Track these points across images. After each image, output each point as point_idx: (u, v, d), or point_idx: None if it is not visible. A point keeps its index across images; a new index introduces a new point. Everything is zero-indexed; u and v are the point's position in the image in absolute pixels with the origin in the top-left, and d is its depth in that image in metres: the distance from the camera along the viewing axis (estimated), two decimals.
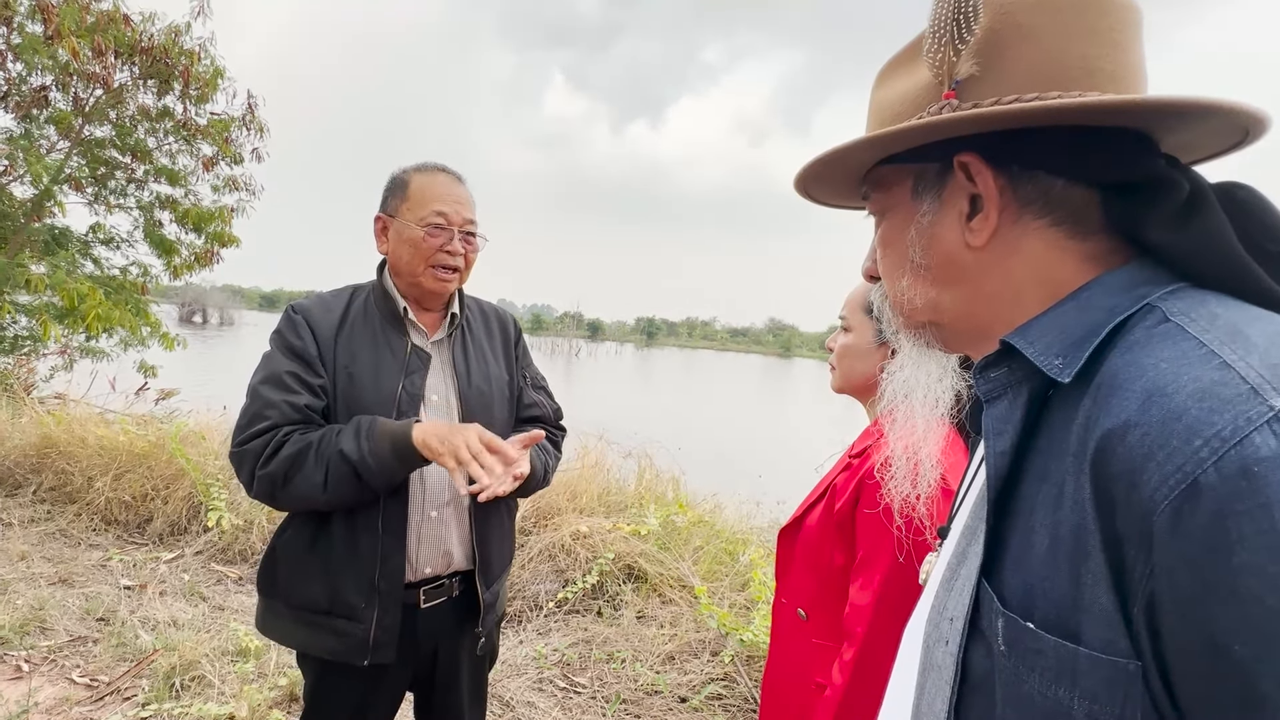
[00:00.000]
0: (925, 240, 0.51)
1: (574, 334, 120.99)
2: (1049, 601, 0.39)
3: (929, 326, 0.55)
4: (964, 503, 0.57)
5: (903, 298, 0.54)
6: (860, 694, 0.91)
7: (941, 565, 0.53)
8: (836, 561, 1.02)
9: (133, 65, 5.75)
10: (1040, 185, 0.47)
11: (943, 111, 0.47)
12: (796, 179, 0.58)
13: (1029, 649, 0.39)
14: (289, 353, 1.19)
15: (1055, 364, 0.43)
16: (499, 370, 1.37)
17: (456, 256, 1.24)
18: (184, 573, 3.16)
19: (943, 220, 0.50)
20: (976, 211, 0.48)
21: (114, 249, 6.47)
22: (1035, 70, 0.45)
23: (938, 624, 0.48)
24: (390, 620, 1.17)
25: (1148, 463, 0.34)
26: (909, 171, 0.52)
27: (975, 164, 0.47)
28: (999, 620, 0.41)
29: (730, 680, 2.48)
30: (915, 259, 0.52)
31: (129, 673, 2.29)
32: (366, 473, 1.10)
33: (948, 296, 0.52)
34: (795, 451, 7.68)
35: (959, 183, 0.49)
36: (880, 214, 0.56)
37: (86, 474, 3.75)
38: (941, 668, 0.46)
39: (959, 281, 0.51)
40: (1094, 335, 0.42)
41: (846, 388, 1.14)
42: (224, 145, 6.32)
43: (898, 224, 0.54)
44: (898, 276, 0.54)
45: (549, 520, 3.55)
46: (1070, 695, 0.37)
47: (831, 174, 0.57)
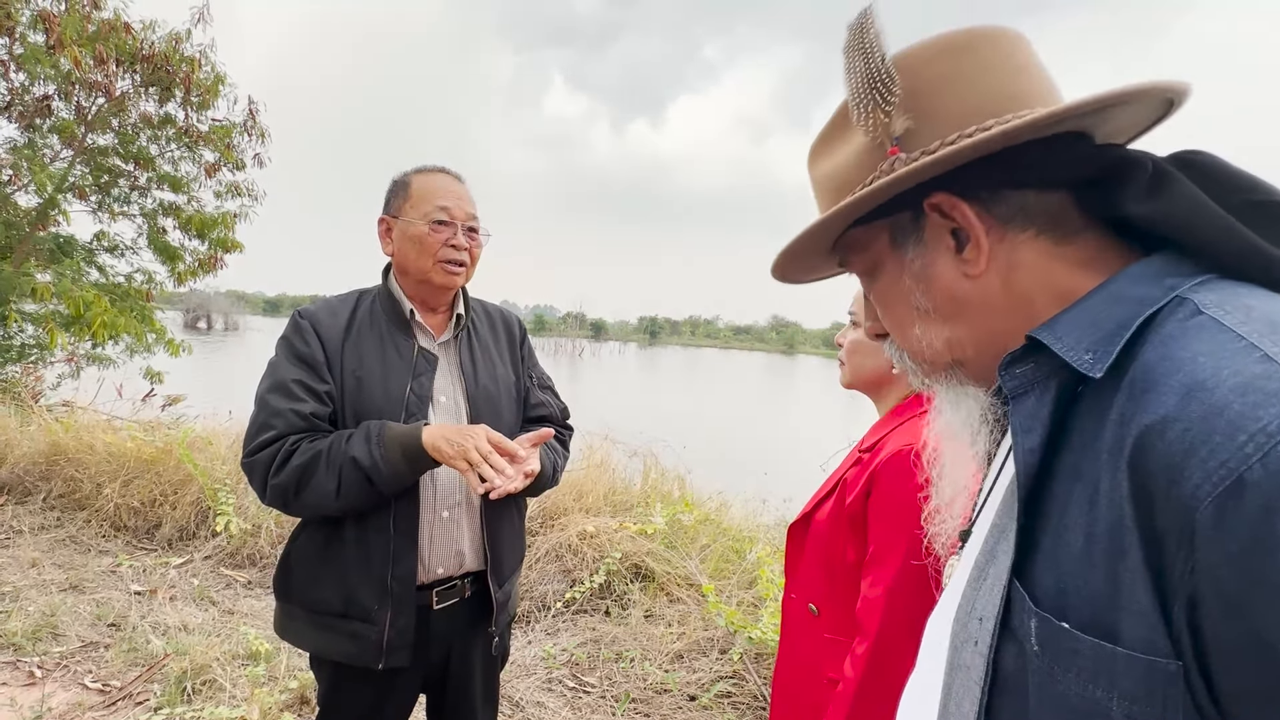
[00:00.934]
0: (924, 284, 0.52)
1: (577, 334, 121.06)
2: (1084, 600, 0.38)
3: (955, 366, 0.54)
4: (988, 502, 0.56)
5: (920, 345, 0.54)
6: (874, 688, 0.91)
7: (968, 565, 0.53)
8: (848, 556, 1.02)
9: (134, 73, 5.77)
10: (1013, 201, 0.48)
11: (895, 166, 0.48)
12: (773, 268, 0.61)
13: (1064, 649, 0.39)
14: (295, 359, 1.20)
15: (1085, 359, 0.42)
16: (505, 371, 1.38)
17: (462, 251, 1.25)
18: (193, 577, 3.18)
19: (935, 260, 0.51)
20: (964, 243, 0.49)
21: (118, 256, 6.50)
22: (965, 108, 0.48)
23: (965, 624, 0.47)
24: (404, 622, 1.18)
25: (1189, 459, 0.33)
26: (881, 228, 0.53)
27: (947, 201, 0.48)
28: (1032, 620, 0.41)
29: (739, 678, 2.48)
30: (920, 305, 0.52)
31: (141, 677, 2.31)
32: (378, 478, 1.11)
33: (963, 329, 0.52)
34: (800, 449, 7.67)
35: (935, 222, 0.50)
36: (868, 273, 0.57)
37: (95, 481, 3.77)
38: (970, 668, 0.46)
39: (967, 312, 0.51)
40: (1124, 329, 0.41)
41: (856, 383, 1.15)
42: (226, 151, 6.35)
43: (891, 277, 0.54)
44: (908, 327, 0.54)
45: (555, 520, 3.55)
46: (1108, 696, 0.36)
47: (805, 253, 0.58)
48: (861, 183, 0.51)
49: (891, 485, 0.96)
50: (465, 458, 1.10)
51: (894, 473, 0.96)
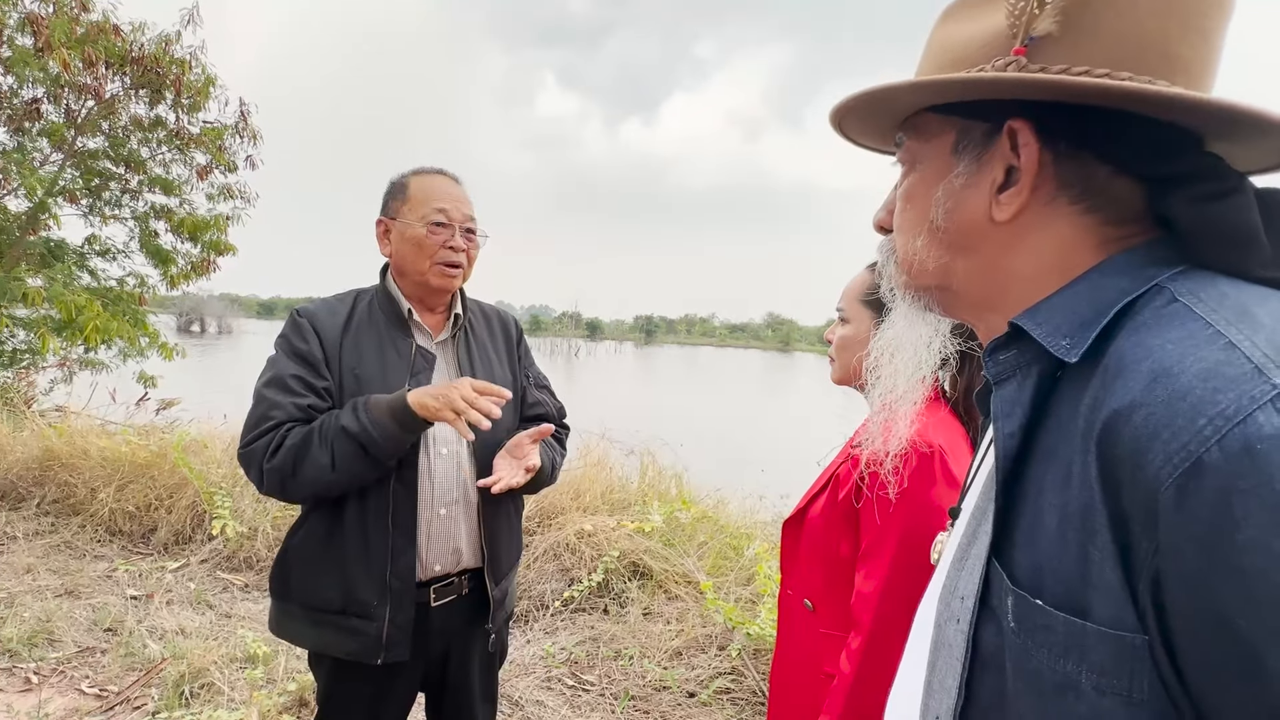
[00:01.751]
0: (952, 203, 0.49)
1: (573, 334, 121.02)
2: (1058, 579, 0.39)
3: (934, 290, 0.53)
4: (973, 484, 0.57)
5: (914, 257, 0.52)
6: (869, 682, 0.92)
7: (953, 546, 0.54)
8: (842, 551, 1.02)
9: (124, 76, 5.74)
10: (1084, 169, 0.45)
11: (1009, 69, 0.44)
12: (835, 110, 0.54)
13: (1038, 625, 0.40)
14: (294, 356, 1.21)
15: (1062, 345, 0.42)
16: (503, 370, 1.38)
17: (459, 252, 1.26)
18: (190, 581, 3.17)
19: (974, 185, 0.48)
20: (1010, 184, 0.46)
21: (110, 260, 6.46)
22: (1115, 44, 0.42)
23: (949, 602, 0.48)
24: (403, 618, 1.19)
25: (1153, 442, 0.34)
26: (954, 125, 0.49)
27: (1025, 133, 0.45)
28: (1009, 598, 0.42)
29: (738, 674, 2.49)
30: (936, 220, 0.50)
31: (138, 682, 2.30)
32: (371, 445, 1.11)
33: (961, 264, 0.50)
34: (797, 445, 7.69)
35: (1001, 150, 0.46)
36: (910, 164, 0.53)
37: (90, 485, 3.75)
38: (953, 645, 0.47)
39: (975, 251, 0.49)
40: (1101, 316, 0.42)
41: (846, 378, 1.15)
42: (218, 153, 6.31)
43: (928, 179, 0.51)
44: (914, 234, 0.52)
45: (553, 520, 3.56)
46: (1078, 669, 0.38)
47: (872, 111, 0.53)
48: (971, 68, 0.47)
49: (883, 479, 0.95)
50: (452, 407, 1.10)
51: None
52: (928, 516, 0.92)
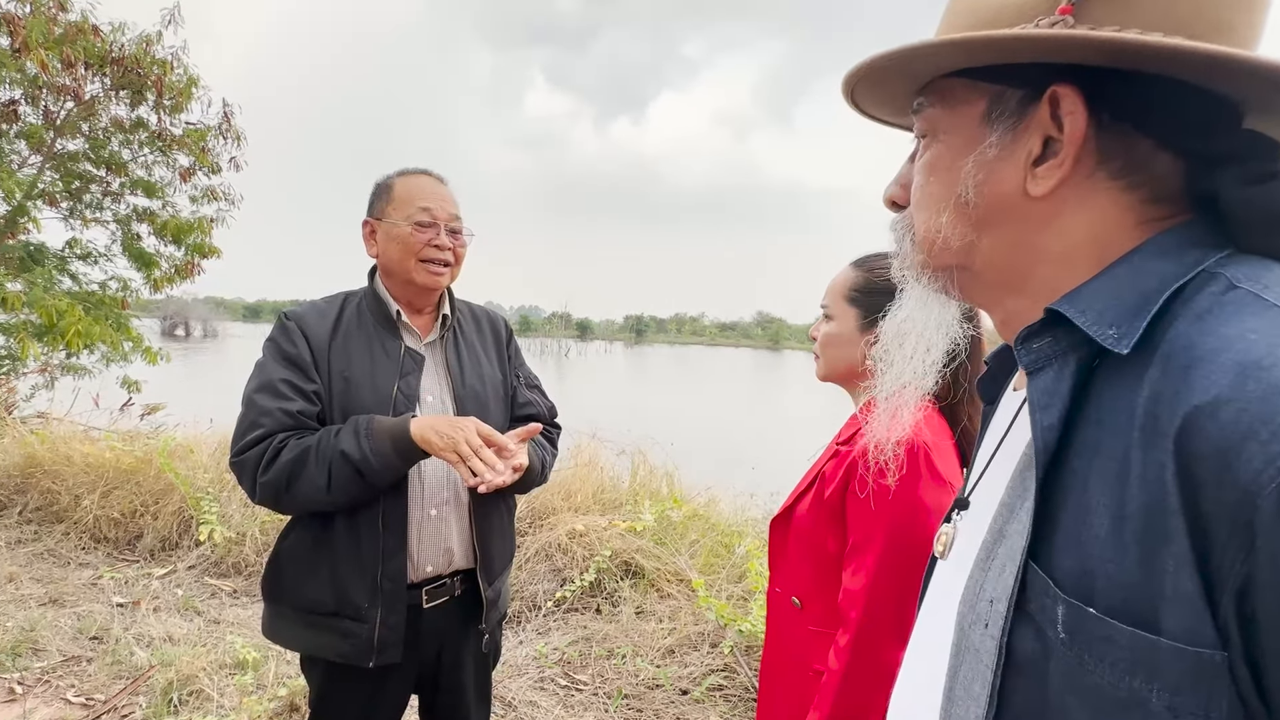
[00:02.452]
0: (982, 175, 0.46)
1: (563, 334, 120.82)
2: (1114, 585, 0.36)
3: (954, 270, 0.50)
4: (986, 474, 0.53)
5: (937, 235, 0.48)
6: (858, 677, 0.93)
7: (973, 542, 0.50)
8: (829, 548, 1.03)
9: (104, 76, 5.65)
10: (1126, 141, 0.42)
11: (1054, 28, 0.40)
12: (849, 76, 0.50)
13: (1097, 638, 0.36)
14: (283, 360, 1.20)
15: (1109, 334, 0.39)
16: (493, 370, 1.38)
17: (445, 251, 1.26)
18: (177, 588, 3.13)
19: (1008, 157, 0.45)
20: (1048, 156, 0.43)
21: (92, 264, 6.36)
22: (1167, 7, 0.40)
23: (974, 605, 0.45)
24: (395, 619, 1.19)
25: (1247, 441, 0.31)
26: (985, 92, 0.46)
27: (1071, 99, 0.41)
28: (1058, 607, 0.38)
29: (730, 671, 2.51)
30: (965, 195, 0.46)
31: (125, 690, 2.27)
32: (369, 471, 1.11)
33: (987, 242, 0.47)
34: (788, 442, 7.73)
35: (1039, 118, 0.43)
36: (933, 134, 0.49)
37: (73, 492, 3.70)
38: (980, 650, 0.43)
39: (1003, 228, 0.46)
40: (1149, 303, 0.39)
41: (831, 375, 1.15)
42: (201, 155, 6.24)
43: (955, 150, 0.47)
44: (938, 210, 0.48)
45: (545, 520, 3.55)
46: (1148, 687, 0.34)
47: (889, 77, 0.49)
48: (1010, 28, 0.43)
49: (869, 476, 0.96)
50: (455, 450, 1.11)
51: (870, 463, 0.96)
52: (914, 513, 0.93)
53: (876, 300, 1.07)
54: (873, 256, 1.12)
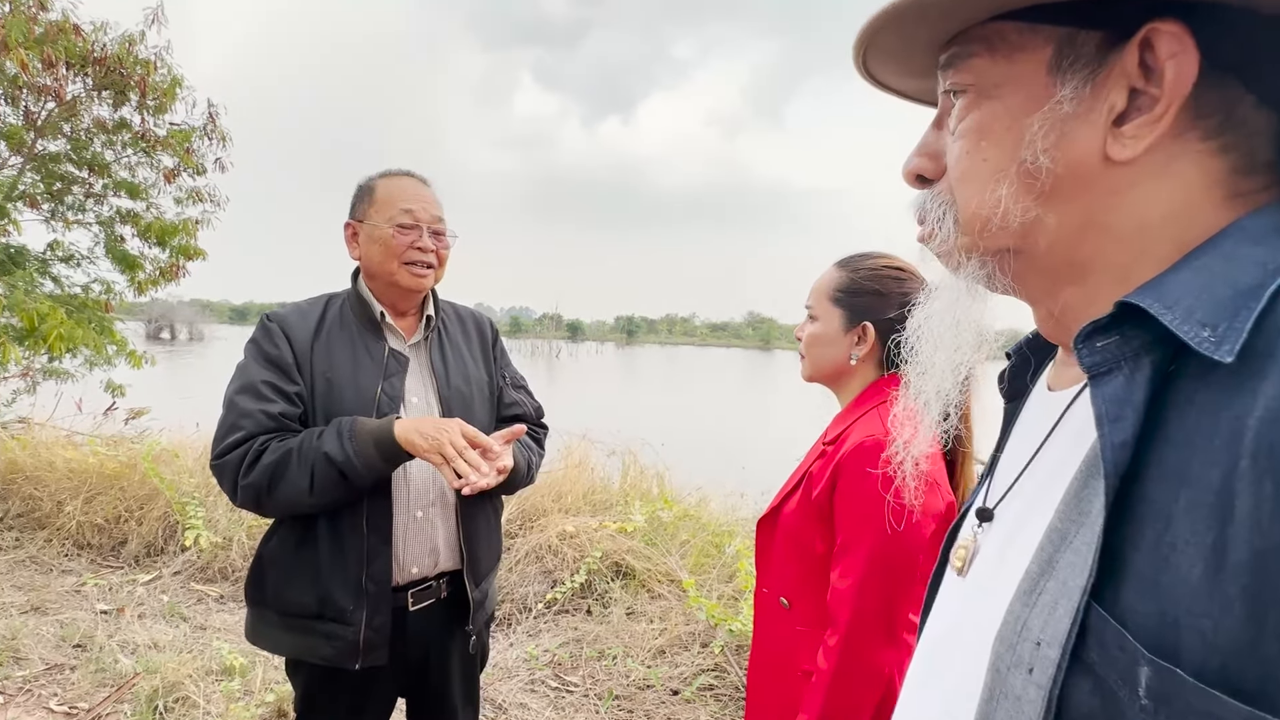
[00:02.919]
0: (1054, 138, 0.38)
1: (554, 335, 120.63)
2: (1209, 646, 0.30)
3: (1006, 254, 0.42)
4: (1019, 483, 0.46)
5: (994, 211, 0.40)
6: (847, 677, 0.93)
7: (1004, 563, 0.43)
8: (817, 548, 1.03)
9: (86, 76, 5.57)
10: (1227, 95, 0.35)
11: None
12: (866, 29, 0.43)
13: (1198, 712, 0.29)
14: (265, 361, 1.19)
15: (1204, 336, 0.33)
16: (478, 371, 1.38)
17: (428, 253, 1.26)
18: (163, 594, 3.10)
19: (1087, 114, 0.37)
20: (1133, 111, 0.36)
21: (74, 266, 6.26)
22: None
23: (1014, 645, 0.38)
24: (380, 621, 1.18)
25: None
26: (1050, 35, 0.38)
27: (1176, 39, 0.34)
28: (1141, 667, 0.31)
29: (721, 670, 2.51)
30: (1032, 160, 0.39)
31: (110, 698, 2.24)
32: (352, 473, 1.11)
33: (1054, 219, 0.40)
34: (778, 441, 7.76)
35: (1126, 65, 0.36)
36: (978, 90, 0.41)
37: (56, 498, 3.64)
38: (1021, 698, 0.37)
39: (1074, 200, 0.39)
40: (1251, 299, 0.33)
41: (817, 375, 1.15)
42: (185, 156, 6.17)
43: (1013, 108, 0.40)
44: (995, 181, 0.40)
45: (535, 522, 3.55)
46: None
47: (916, 25, 0.41)
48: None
49: (855, 475, 0.97)
50: (440, 452, 1.10)
51: (857, 463, 0.97)
52: (901, 513, 0.93)
53: (861, 300, 1.08)
54: (856, 257, 1.13)
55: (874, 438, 0.97)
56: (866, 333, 1.07)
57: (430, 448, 1.10)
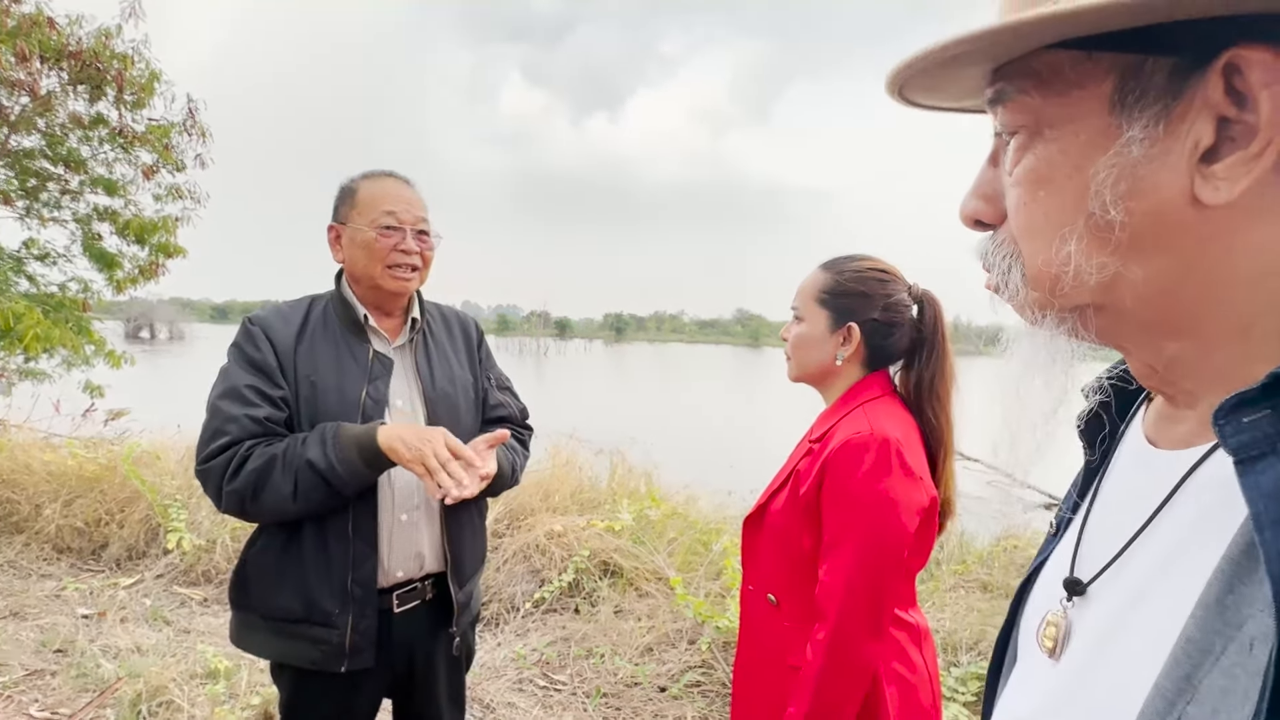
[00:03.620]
0: (1126, 185, 0.33)
1: (542, 333, 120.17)
2: None
3: (1088, 310, 0.37)
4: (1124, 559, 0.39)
5: (1063, 269, 0.36)
6: (835, 671, 0.94)
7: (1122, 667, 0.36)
8: (804, 545, 1.04)
9: (61, 71, 5.47)
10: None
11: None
12: (897, 74, 0.38)
13: None
14: (247, 365, 1.19)
15: None
16: (463, 373, 1.38)
17: (412, 255, 1.25)
18: (145, 597, 3.06)
19: (1163, 155, 0.32)
20: (1224, 147, 0.31)
21: (50, 265, 6.15)
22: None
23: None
24: (366, 625, 1.18)
25: None
26: (1112, 65, 0.33)
27: (1267, 68, 0.29)
28: None
29: (708, 667, 2.53)
30: (1102, 211, 0.34)
31: (92, 704, 2.22)
32: (336, 480, 1.11)
33: (1141, 273, 0.35)
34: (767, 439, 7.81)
35: (1208, 96, 0.31)
36: (1031, 130, 0.36)
37: (34, 502, 3.58)
38: None
39: (1165, 251, 0.34)
40: None
41: (803, 376, 1.17)
42: (164, 152, 6.07)
43: (1073, 151, 0.35)
44: (1059, 236, 0.36)
45: (522, 521, 3.55)
46: None
47: (957, 63, 0.36)
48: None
49: (843, 473, 0.98)
50: (423, 463, 1.10)
51: (844, 460, 0.99)
52: (888, 508, 0.95)
53: (846, 302, 1.10)
54: (841, 259, 1.14)
55: (860, 435, 0.99)
56: (852, 333, 1.09)
57: (413, 458, 1.10)
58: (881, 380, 1.11)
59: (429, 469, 1.09)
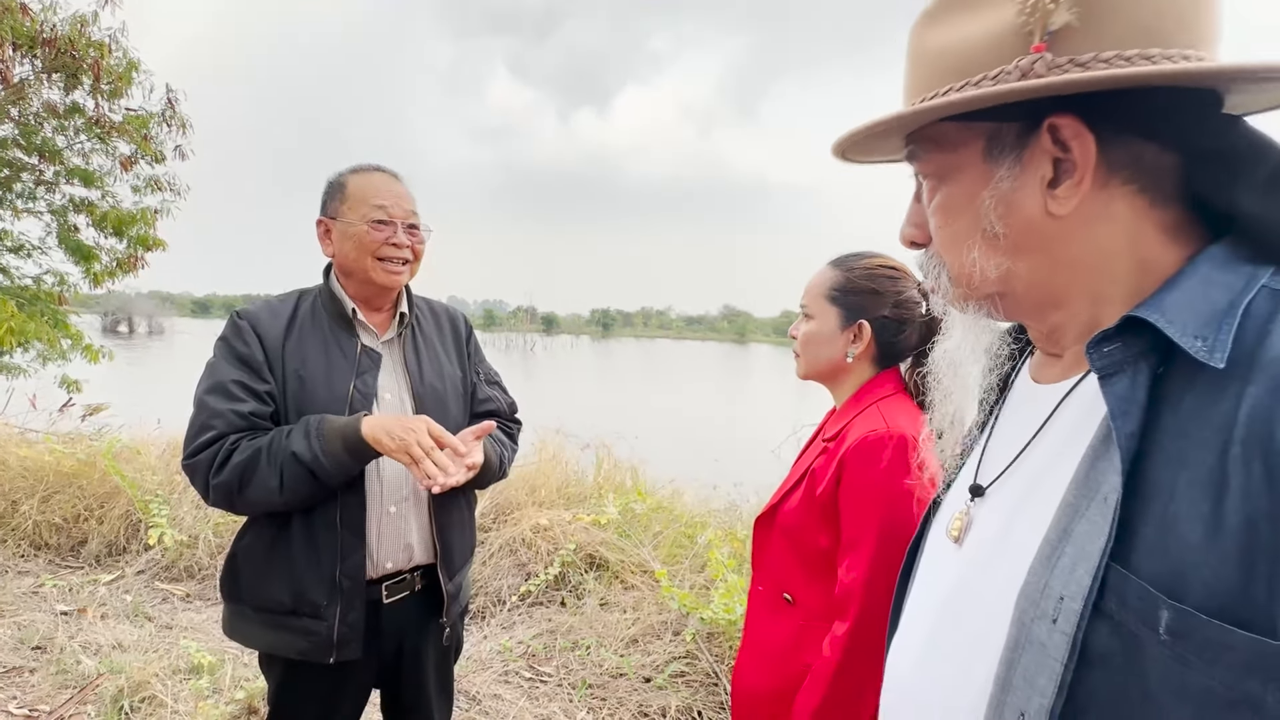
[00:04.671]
0: (1004, 208, 0.48)
1: (528, 328, 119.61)
2: (1212, 593, 0.37)
3: (995, 297, 0.52)
4: (1015, 466, 0.53)
5: (973, 269, 0.51)
6: (853, 667, 0.94)
7: (1007, 532, 0.50)
8: (821, 544, 1.03)
9: (34, 58, 5.34)
10: (1132, 150, 0.44)
11: (1036, 68, 0.43)
12: (839, 144, 0.53)
13: (1211, 642, 0.37)
14: (235, 360, 1.19)
15: (1197, 345, 0.40)
16: (452, 367, 1.39)
17: (403, 249, 1.26)
18: (126, 594, 3.03)
19: (1023, 186, 0.47)
20: (1061, 177, 0.45)
21: (25, 257, 6.02)
22: (1135, 23, 0.42)
23: (1037, 600, 0.45)
24: (354, 616, 1.19)
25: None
26: (980, 131, 0.48)
27: (1072, 126, 0.44)
28: (1162, 611, 0.39)
29: (692, 658, 2.57)
30: (990, 227, 0.49)
31: (72, 700, 2.20)
32: (321, 472, 1.11)
33: (1023, 266, 0.49)
34: (751, 434, 7.87)
35: (1043, 146, 0.45)
36: (938, 176, 0.51)
37: (10, 498, 3.52)
38: (1046, 644, 0.44)
39: (1037, 250, 0.48)
40: (1227, 316, 0.41)
41: (812, 374, 1.15)
42: (143, 143, 5.95)
43: (966, 189, 0.49)
44: (966, 247, 0.50)
45: (509, 515, 3.56)
46: (1263, 688, 0.36)
47: (881, 135, 0.52)
48: (988, 72, 0.45)
49: (860, 471, 0.98)
50: (408, 452, 1.11)
51: (861, 458, 0.98)
52: (904, 505, 0.94)
53: (857, 299, 1.09)
54: (850, 256, 1.13)
55: (876, 433, 0.98)
56: (862, 330, 1.08)
57: (398, 448, 1.11)
58: (893, 377, 1.10)
59: (414, 458, 1.10)
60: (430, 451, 1.11)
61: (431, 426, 1.15)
